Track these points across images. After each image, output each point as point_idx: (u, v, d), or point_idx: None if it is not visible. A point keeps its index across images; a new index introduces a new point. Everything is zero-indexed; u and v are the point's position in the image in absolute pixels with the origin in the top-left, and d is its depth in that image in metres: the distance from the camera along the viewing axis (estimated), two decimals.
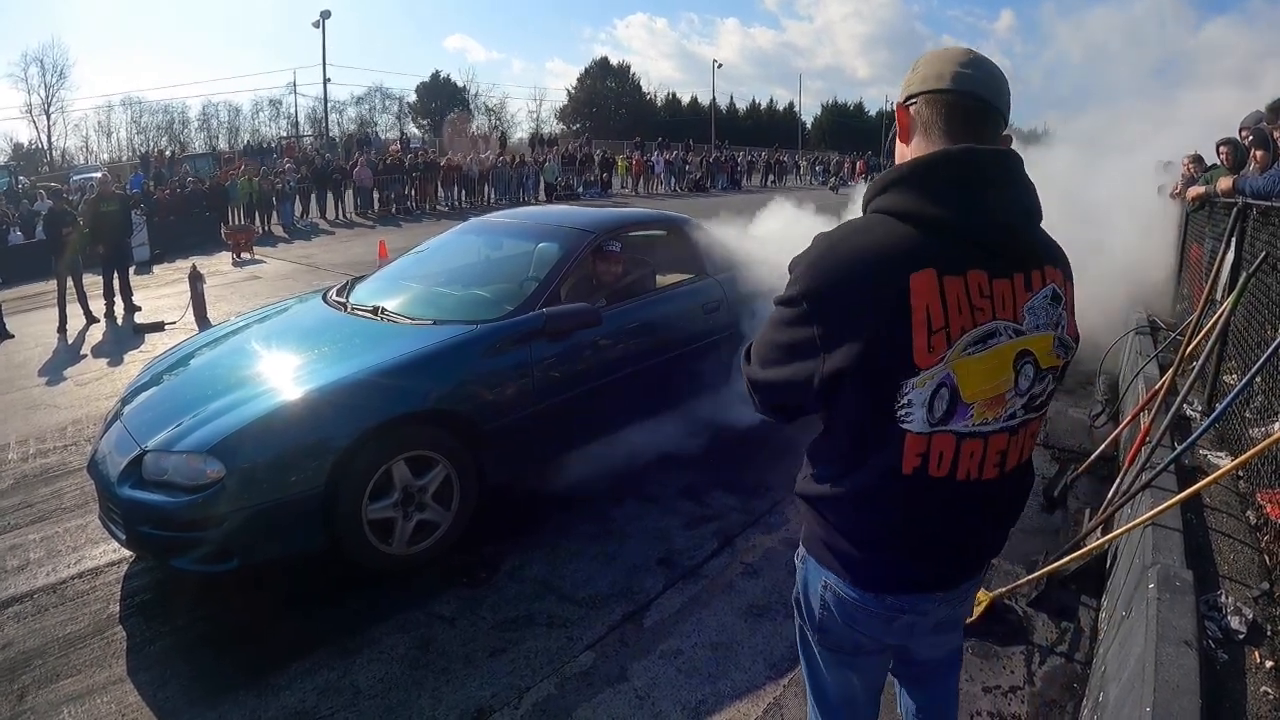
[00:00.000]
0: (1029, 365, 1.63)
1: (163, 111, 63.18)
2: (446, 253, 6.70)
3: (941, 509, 1.70)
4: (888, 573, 1.79)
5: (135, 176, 27.38)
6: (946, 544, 1.78)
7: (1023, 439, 1.72)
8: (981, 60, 1.68)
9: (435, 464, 4.43)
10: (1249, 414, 4.68)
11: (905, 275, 1.51)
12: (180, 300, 12.33)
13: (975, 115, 1.64)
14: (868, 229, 1.61)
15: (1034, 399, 1.68)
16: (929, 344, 1.52)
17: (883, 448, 1.64)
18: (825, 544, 1.84)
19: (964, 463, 1.65)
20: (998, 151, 1.62)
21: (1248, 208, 5.10)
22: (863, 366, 1.55)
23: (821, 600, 1.90)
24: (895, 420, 1.59)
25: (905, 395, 1.56)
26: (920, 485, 1.64)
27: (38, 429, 7.18)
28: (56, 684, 3.63)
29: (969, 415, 1.60)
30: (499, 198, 30.58)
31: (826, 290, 1.58)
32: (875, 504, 1.72)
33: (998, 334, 1.58)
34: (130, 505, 4.00)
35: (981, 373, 1.58)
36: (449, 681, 3.56)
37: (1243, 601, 3.26)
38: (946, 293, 1.52)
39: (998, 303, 1.58)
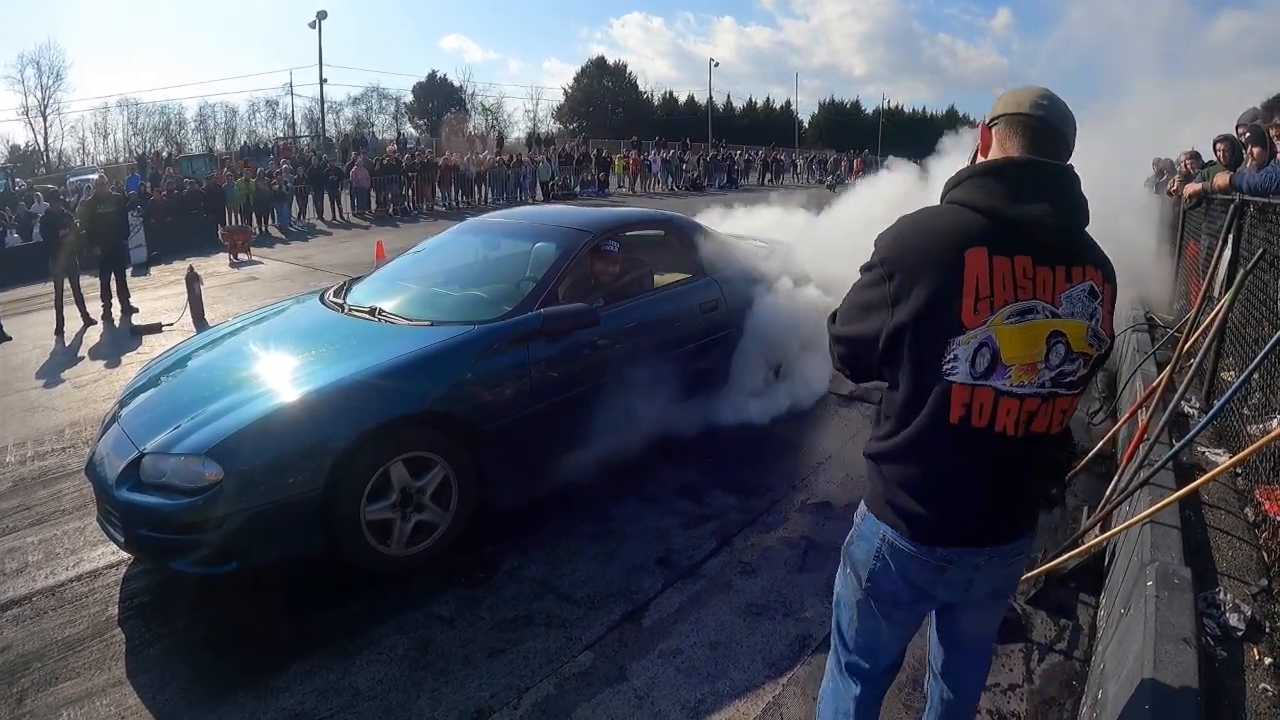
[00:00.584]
0: (1061, 345, 1.92)
1: (159, 113, 63.26)
2: (444, 253, 6.70)
3: (983, 459, 2.00)
4: (939, 526, 2.08)
5: (132, 178, 27.37)
6: (988, 496, 2.06)
7: (1053, 410, 1.99)
8: (1055, 97, 2.01)
9: (433, 465, 4.43)
10: (1247, 411, 4.69)
11: (962, 250, 1.87)
12: (178, 302, 12.31)
13: (1043, 136, 1.96)
14: (938, 213, 2.02)
15: (1063, 375, 1.96)
16: (975, 307, 1.86)
17: (933, 399, 1.96)
18: (885, 500, 2.14)
19: (1001, 417, 1.94)
20: (1053, 164, 1.95)
21: (1245, 204, 5.11)
22: (921, 320, 1.90)
23: (877, 552, 2.19)
24: (942, 374, 1.92)
25: (952, 351, 1.89)
26: (965, 434, 1.96)
27: (36, 431, 7.17)
28: (55, 687, 3.62)
29: (1007, 376, 1.91)
30: (496, 198, 30.57)
31: (900, 257, 1.96)
32: (928, 453, 2.03)
33: (1035, 311, 1.89)
34: (129, 507, 4.00)
35: (1019, 340, 1.89)
36: (448, 682, 3.56)
37: (1241, 598, 3.27)
38: (995, 269, 1.87)
39: (1039, 285, 1.89)
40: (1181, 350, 4.71)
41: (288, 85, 67.82)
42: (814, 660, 3.65)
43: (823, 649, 3.69)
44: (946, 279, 1.87)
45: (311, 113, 57.78)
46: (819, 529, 4.84)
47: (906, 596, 2.21)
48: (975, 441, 1.97)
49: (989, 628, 2.52)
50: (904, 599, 2.22)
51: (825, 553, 4.57)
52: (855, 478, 5.51)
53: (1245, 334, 4.96)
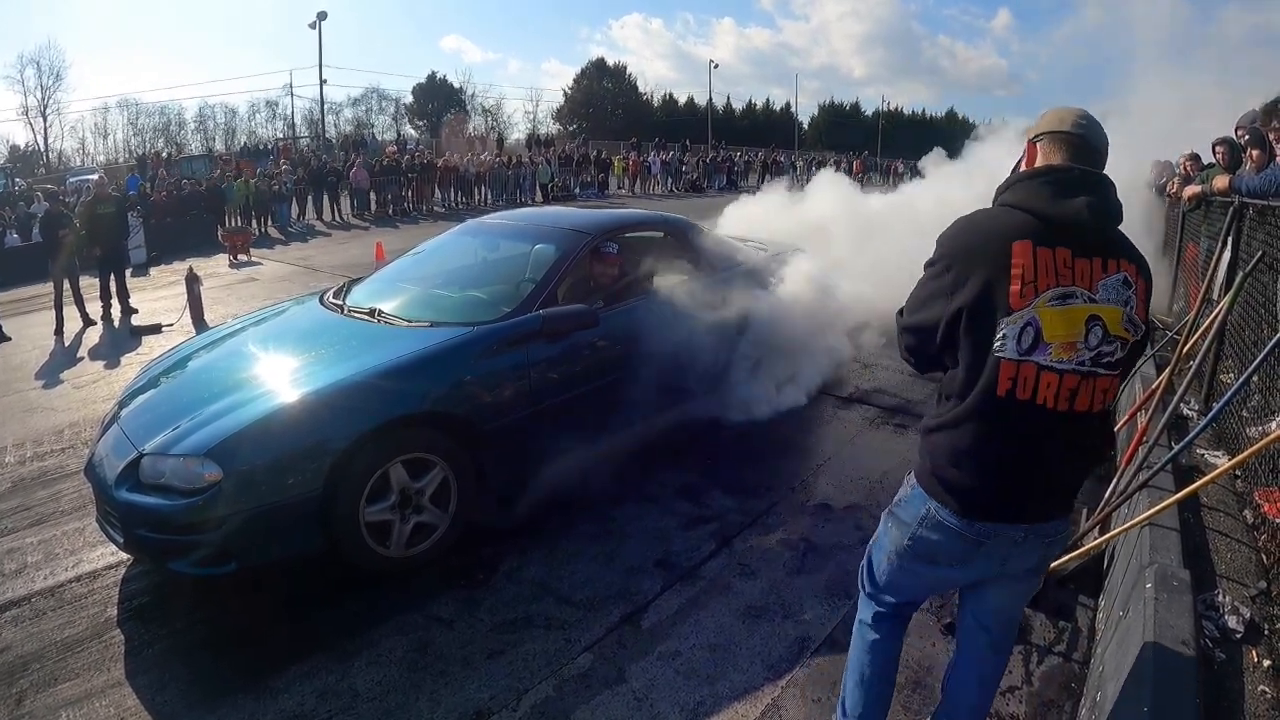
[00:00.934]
0: (1099, 327, 2.16)
1: (159, 113, 63.25)
2: (443, 254, 6.70)
3: (1027, 433, 2.22)
4: (981, 499, 2.32)
5: (131, 178, 27.36)
6: (1029, 471, 2.28)
7: (1093, 388, 2.20)
8: (1093, 118, 2.31)
9: (433, 466, 4.43)
10: (1246, 413, 4.70)
11: (1010, 242, 2.16)
12: (177, 302, 12.30)
13: (1082, 151, 2.26)
14: (990, 213, 2.32)
15: (1102, 356, 2.18)
16: (1021, 292, 2.12)
17: (985, 374, 2.21)
18: (933, 474, 2.40)
19: (1043, 390, 2.17)
20: (1087, 171, 2.23)
21: (1244, 207, 5.11)
22: (975, 304, 2.18)
23: (921, 520, 2.44)
24: (992, 351, 2.17)
25: (1001, 331, 2.15)
26: (1011, 407, 2.19)
27: (35, 432, 7.17)
28: (55, 688, 3.62)
29: (1048, 352, 2.14)
30: (495, 199, 30.58)
31: (957, 251, 2.26)
32: (978, 424, 2.26)
33: (1075, 296, 2.15)
34: (128, 508, 3.99)
35: (1059, 321, 2.14)
36: (447, 684, 3.56)
37: (1240, 600, 3.28)
38: (1038, 259, 2.14)
39: (1078, 274, 2.16)
40: (1181, 352, 4.72)
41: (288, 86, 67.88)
42: (813, 662, 3.65)
43: (822, 651, 3.71)
44: (996, 268, 2.15)
45: (311, 113, 57.79)
46: (818, 531, 4.84)
47: (943, 562, 2.46)
48: (1020, 414, 2.19)
49: (1016, 608, 2.67)
50: (940, 564, 2.47)
51: (824, 555, 4.57)
52: (855, 479, 5.51)
53: (1244, 336, 4.97)
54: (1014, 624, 2.71)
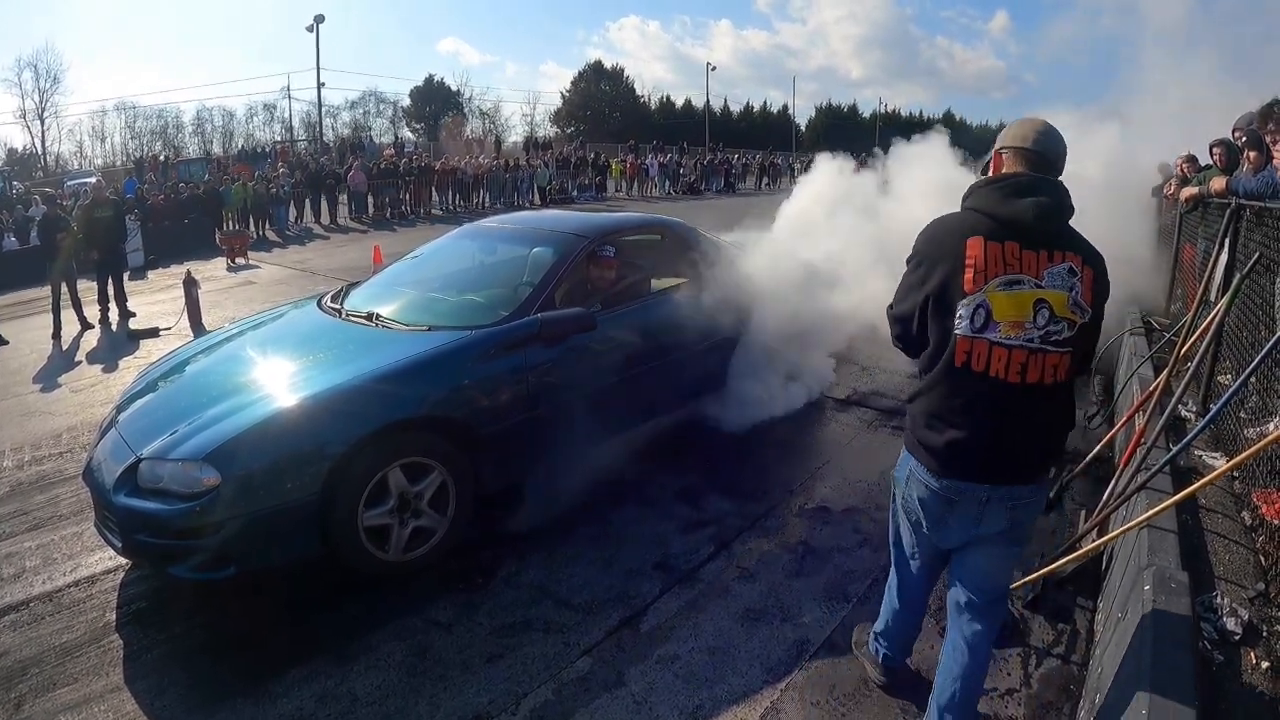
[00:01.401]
0: (1045, 309, 2.53)
1: (157, 116, 63.24)
2: (441, 258, 6.70)
3: (984, 400, 2.61)
4: (949, 457, 2.70)
5: (129, 181, 27.37)
6: (987, 434, 2.64)
7: (1042, 363, 2.56)
8: (1051, 130, 2.70)
9: (431, 470, 4.43)
10: (1244, 414, 4.69)
11: (965, 239, 2.60)
12: (175, 306, 12.31)
13: (1038, 162, 2.66)
14: (954, 216, 2.74)
15: (1050, 334, 2.55)
16: (973, 279, 2.54)
17: (946, 349, 2.63)
18: (914, 437, 2.83)
19: (994, 363, 2.56)
20: (1038, 178, 2.63)
21: (1241, 209, 5.11)
22: (940, 291, 2.62)
23: (907, 479, 2.90)
24: (951, 330, 2.59)
25: (959, 311, 2.57)
26: (967, 377, 2.60)
27: (33, 436, 7.17)
28: (53, 692, 3.62)
29: (998, 330, 2.54)
30: (493, 202, 30.60)
31: (926, 248, 2.73)
32: (942, 392, 2.69)
33: (1022, 282, 2.54)
34: (126, 513, 3.99)
35: (1008, 304, 2.53)
36: (446, 688, 3.56)
37: (1238, 602, 3.27)
38: (988, 251, 2.55)
39: (1025, 264, 2.55)
40: (1178, 354, 4.71)
41: (285, 89, 67.93)
42: (812, 665, 3.66)
43: (821, 654, 3.72)
44: (955, 260, 2.58)
45: (309, 117, 57.88)
46: (816, 534, 4.84)
47: (925, 519, 2.88)
48: (976, 383, 2.59)
49: (998, 573, 2.97)
50: (924, 521, 2.89)
51: (823, 557, 4.57)
52: (853, 482, 5.52)
53: (1242, 337, 4.96)
54: (998, 592, 3.00)
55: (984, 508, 2.72)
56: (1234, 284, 4.41)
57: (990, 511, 2.73)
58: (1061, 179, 2.68)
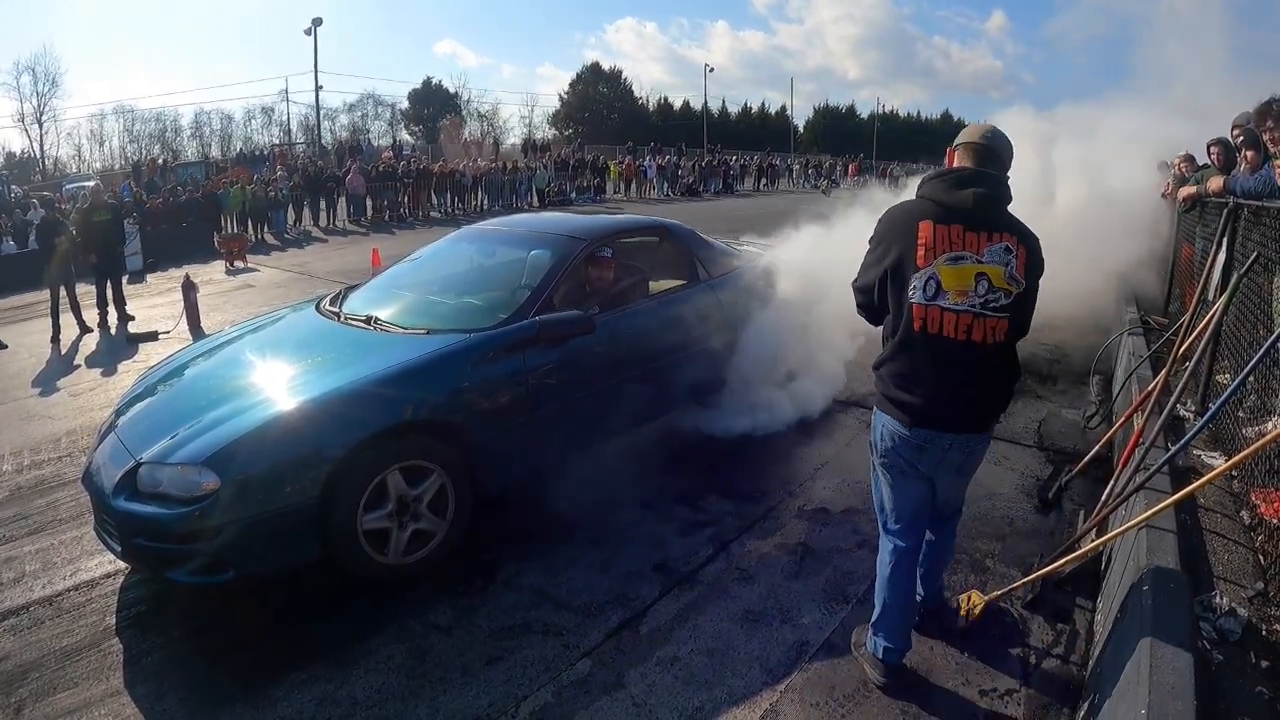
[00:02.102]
0: (985, 280, 3.06)
1: (155, 120, 63.24)
2: (439, 261, 6.69)
3: (940, 357, 3.11)
4: (917, 410, 3.19)
5: (124, 185, 27.35)
6: (944, 386, 3.14)
7: (984, 325, 3.07)
8: (998, 131, 3.26)
9: (430, 473, 4.42)
10: (1242, 414, 4.70)
11: (917, 222, 3.11)
12: (174, 309, 12.31)
13: (984, 156, 3.22)
14: (908, 204, 3.26)
15: (989, 302, 3.06)
16: (923, 256, 3.06)
17: (905, 316, 3.13)
18: (885, 396, 3.31)
19: (946, 326, 3.07)
20: (979, 170, 3.18)
21: (1239, 208, 5.12)
22: (896, 266, 3.13)
23: (883, 435, 3.36)
24: (907, 298, 3.10)
25: (913, 283, 3.08)
26: (924, 339, 3.10)
27: (32, 440, 7.16)
28: (53, 697, 3.62)
29: (947, 298, 3.05)
30: (492, 204, 30.60)
31: (886, 231, 3.23)
32: (903, 352, 3.18)
33: (965, 258, 3.05)
34: (125, 517, 3.99)
35: (953, 276, 3.05)
36: (446, 691, 3.56)
37: (1237, 602, 3.28)
38: (937, 232, 3.07)
39: (968, 243, 3.07)
40: (1177, 353, 4.72)
41: (283, 92, 67.65)
42: (811, 667, 3.66)
43: (820, 655, 3.72)
44: (909, 240, 3.10)
45: (307, 120, 57.84)
46: (815, 535, 4.84)
47: (903, 466, 3.35)
48: (932, 344, 3.10)
49: (957, 495, 3.68)
50: (902, 468, 3.36)
51: (822, 559, 4.57)
52: (851, 483, 5.52)
53: (1240, 337, 4.97)
54: (956, 506, 3.73)
55: (946, 452, 3.26)
56: (1232, 283, 4.42)
57: (950, 455, 3.27)
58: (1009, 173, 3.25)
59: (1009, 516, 5.05)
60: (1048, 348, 8.93)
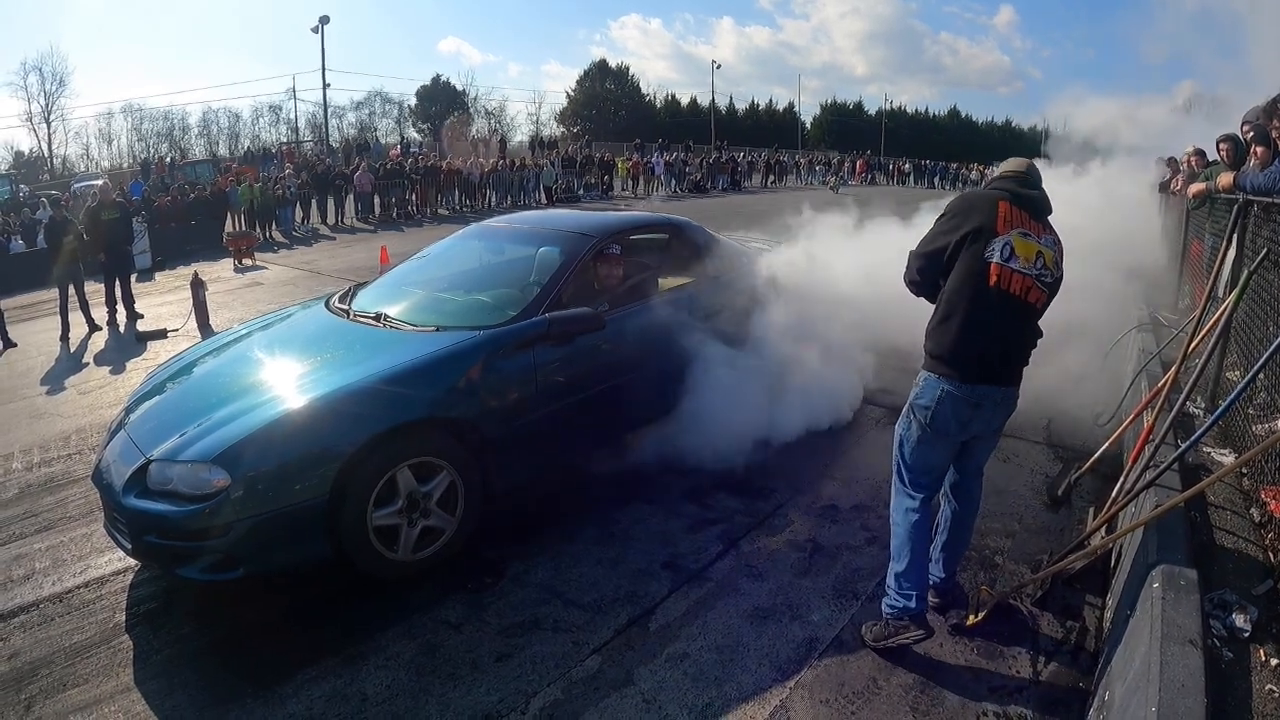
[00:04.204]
0: (1042, 258, 3.51)
1: (163, 118, 63.25)
2: (448, 258, 6.70)
3: (1004, 313, 3.47)
4: (976, 366, 3.51)
5: (135, 184, 27.43)
6: (1002, 337, 3.52)
7: (1038, 291, 3.51)
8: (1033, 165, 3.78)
9: (440, 470, 4.43)
10: (1252, 411, 4.69)
11: (997, 201, 3.55)
12: (182, 307, 12.35)
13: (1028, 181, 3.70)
14: (982, 191, 3.77)
15: (1042, 275, 3.51)
16: (1003, 225, 3.48)
17: (979, 274, 3.46)
18: (941, 359, 3.58)
19: (1014, 285, 3.45)
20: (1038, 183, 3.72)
21: (1249, 204, 5.10)
22: (974, 232, 3.49)
23: (938, 399, 3.57)
24: (985, 258, 3.46)
25: (992, 246, 3.46)
26: (995, 294, 3.44)
27: (41, 438, 7.20)
28: (63, 693, 3.64)
29: (1017, 262, 3.45)
30: (499, 201, 30.60)
31: (963, 209, 3.61)
32: (972, 307, 3.48)
33: (1030, 236, 3.51)
34: (135, 514, 4.00)
35: (1024, 246, 3.47)
36: (456, 687, 3.57)
37: (1247, 599, 3.27)
38: (1012, 211, 3.52)
39: (1032, 227, 3.54)
40: (1186, 350, 4.71)
41: (290, 90, 67.69)
42: (821, 664, 3.66)
43: (830, 652, 3.72)
44: (990, 214, 3.51)
45: (315, 118, 57.78)
46: (825, 532, 4.84)
47: (954, 427, 3.61)
48: (1001, 299, 3.44)
49: (986, 455, 3.95)
50: (952, 429, 3.62)
51: (831, 555, 4.57)
52: (861, 480, 5.52)
53: (1250, 334, 4.95)
54: (981, 465, 3.97)
55: (996, 407, 3.60)
56: (1242, 279, 4.41)
57: (997, 410, 3.63)
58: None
59: (1018, 513, 5.04)
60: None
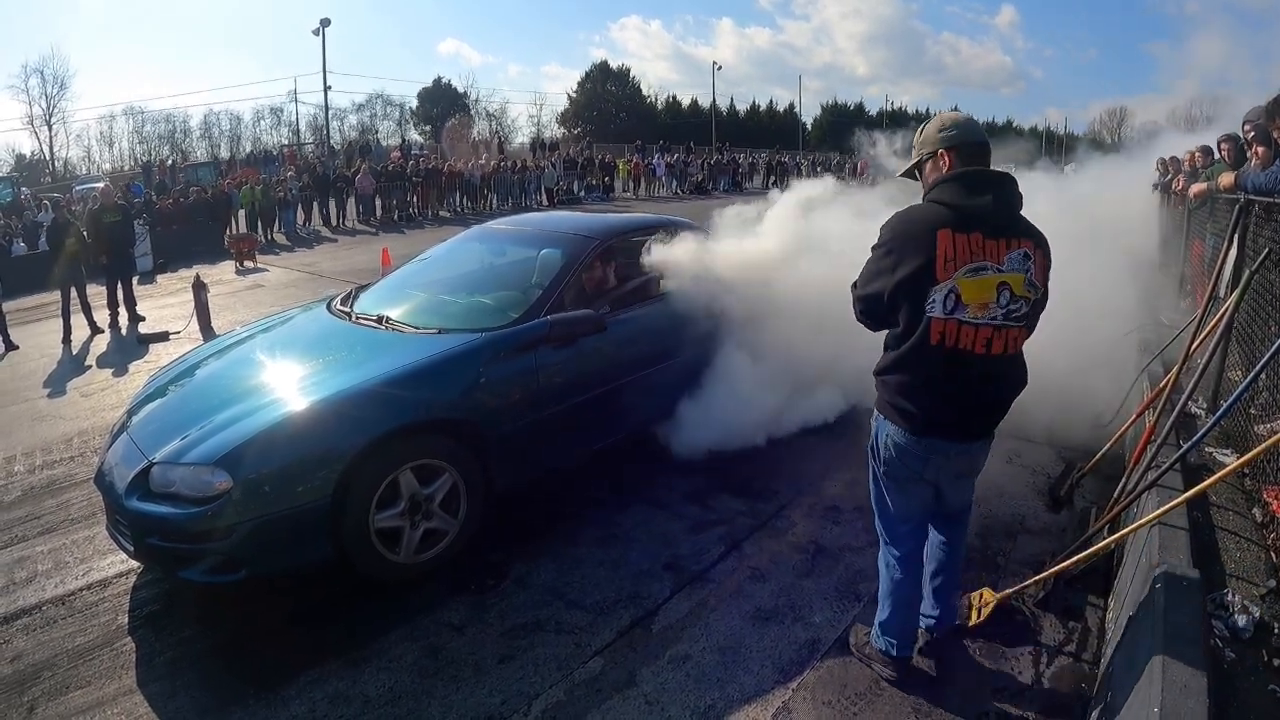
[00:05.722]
0: (1006, 291, 2.91)
1: (164, 121, 63.41)
2: (450, 260, 6.72)
3: (955, 370, 2.96)
4: (925, 420, 3.07)
5: (135, 186, 27.45)
6: (959, 399, 3.03)
7: (1005, 337, 2.96)
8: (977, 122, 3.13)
9: (442, 472, 4.44)
10: (1254, 410, 4.69)
11: (934, 231, 2.88)
12: (184, 310, 12.36)
13: (985, 154, 3.06)
14: (920, 208, 3.04)
15: (1011, 313, 2.94)
16: (943, 267, 2.86)
17: (920, 329, 2.94)
18: (890, 405, 3.15)
19: (964, 340, 2.91)
20: (994, 173, 3.03)
21: (1250, 204, 5.10)
22: (912, 277, 2.90)
23: (886, 445, 3.22)
24: (925, 311, 2.91)
25: (931, 296, 2.89)
26: (941, 351, 2.93)
27: (44, 440, 7.20)
28: (66, 696, 3.64)
29: (966, 311, 2.89)
30: (500, 203, 30.63)
31: (897, 238, 2.98)
32: (917, 366, 3.01)
33: (985, 269, 2.88)
34: (138, 517, 4.01)
35: (974, 288, 2.88)
36: (458, 689, 3.57)
37: (1249, 600, 3.27)
38: (956, 242, 2.86)
39: (988, 252, 2.89)
40: (1188, 350, 4.70)
41: (292, 93, 67.88)
42: (824, 665, 3.66)
43: (833, 653, 3.71)
44: (926, 251, 2.87)
45: (316, 120, 57.84)
46: (827, 533, 4.84)
47: (906, 474, 3.25)
48: (948, 357, 2.94)
49: (965, 499, 3.55)
50: (906, 476, 3.25)
51: (834, 557, 4.57)
52: (862, 481, 5.46)
53: (1252, 334, 4.95)
54: (965, 505, 3.59)
55: (951, 459, 3.20)
56: (1243, 280, 4.40)
57: (956, 461, 3.23)
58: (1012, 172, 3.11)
59: (1020, 514, 5.04)
60: None
